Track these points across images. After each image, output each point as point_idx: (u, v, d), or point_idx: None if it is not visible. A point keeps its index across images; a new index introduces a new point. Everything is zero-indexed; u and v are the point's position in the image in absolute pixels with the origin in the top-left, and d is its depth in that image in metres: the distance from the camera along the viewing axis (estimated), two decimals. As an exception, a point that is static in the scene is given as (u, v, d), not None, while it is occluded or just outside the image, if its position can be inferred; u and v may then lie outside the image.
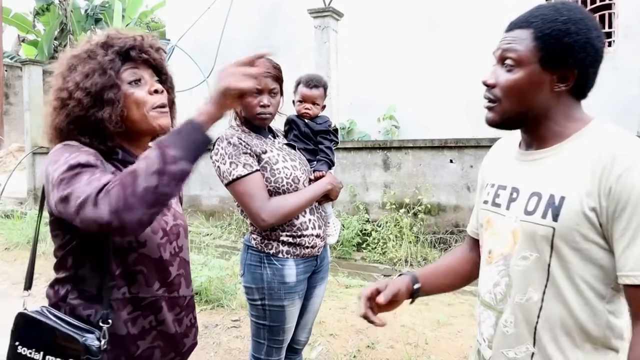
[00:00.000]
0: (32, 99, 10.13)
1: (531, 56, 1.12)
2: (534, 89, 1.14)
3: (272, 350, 2.15)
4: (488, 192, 1.31)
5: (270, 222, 1.97)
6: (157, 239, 1.35)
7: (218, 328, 4.15)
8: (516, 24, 1.17)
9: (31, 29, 16.91)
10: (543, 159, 1.17)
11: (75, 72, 1.30)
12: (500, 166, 1.32)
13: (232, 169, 1.96)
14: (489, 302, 1.25)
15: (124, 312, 1.31)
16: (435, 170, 6.16)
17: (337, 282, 5.48)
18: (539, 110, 1.16)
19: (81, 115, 1.28)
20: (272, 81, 2.06)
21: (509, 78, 1.15)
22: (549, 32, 1.10)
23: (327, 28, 6.88)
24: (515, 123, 1.21)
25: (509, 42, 1.16)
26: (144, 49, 1.37)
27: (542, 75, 1.12)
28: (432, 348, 3.71)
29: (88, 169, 1.15)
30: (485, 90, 1.21)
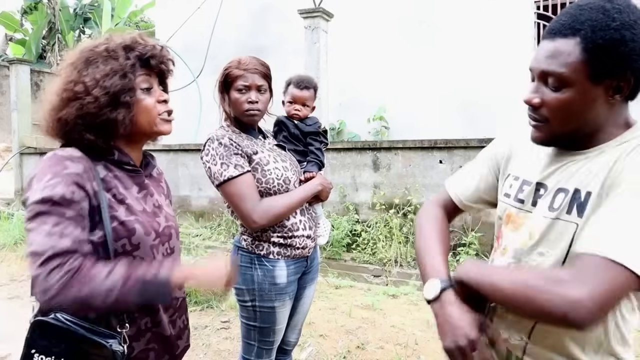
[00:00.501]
0: (20, 99, 10.02)
1: (580, 73, 0.99)
2: (586, 107, 1.02)
3: (263, 352, 2.14)
4: (511, 185, 1.24)
5: (261, 223, 1.96)
6: (150, 240, 1.35)
7: (208, 329, 4.13)
8: (559, 31, 1.02)
9: (19, 28, 16.73)
10: (577, 161, 1.09)
11: (95, 68, 1.30)
12: (528, 158, 1.23)
13: (223, 170, 1.95)
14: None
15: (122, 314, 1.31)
16: (425, 171, 6.18)
17: (327, 282, 5.48)
18: (592, 125, 1.06)
19: (94, 113, 1.28)
20: (259, 77, 2.05)
21: (557, 98, 1.03)
22: (602, 42, 0.96)
23: (317, 29, 6.88)
24: (566, 140, 1.11)
25: (551, 57, 1.02)
26: (163, 59, 1.41)
27: (594, 91, 1.00)
28: (421, 348, 3.72)
29: (56, 212, 1.17)
30: (530, 110, 1.10)
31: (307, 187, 2.13)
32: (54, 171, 1.21)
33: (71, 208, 1.19)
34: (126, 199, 1.33)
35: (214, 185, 2.03)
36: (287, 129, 2.30)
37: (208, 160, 1.99)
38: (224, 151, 1.97)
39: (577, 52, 0.98)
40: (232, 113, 2.09)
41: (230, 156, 1.97)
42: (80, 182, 1.22)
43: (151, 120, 1.38)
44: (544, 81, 1.04)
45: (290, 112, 2.33)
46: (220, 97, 2.11)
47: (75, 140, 1.31)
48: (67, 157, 1.25)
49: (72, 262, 1.14)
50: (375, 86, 8.20)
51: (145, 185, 1.43)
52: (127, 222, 1.29)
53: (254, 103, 2.05)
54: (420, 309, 4.70)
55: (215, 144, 1.99)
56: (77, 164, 1.24)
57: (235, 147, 1.99)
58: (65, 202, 1.18)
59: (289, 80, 2.35)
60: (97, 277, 1.14)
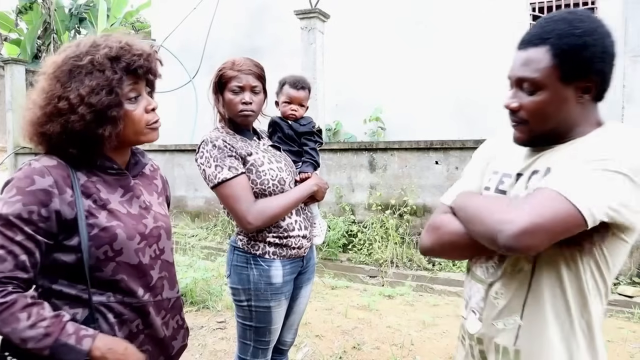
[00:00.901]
0: (15, 99, 9.98)
1: (551, 76, 1.12)
2: (559, 106, 1.15)
3: (258, 352, 2.14)
4: (490, 179, 1.33)
5: (256, 224, 1.96)
6: (134, 244, 1.33)
7: (203, 330, 4.13)
8: (529, 41, 1.16)
9: (14, 28, 16.64)
10: (552, 150, 1.20)
11: (79, 83, 1.24)
12: (508, 157, 1.32)
13: (218, 172, 1.95)
14: (480, 277, 1.30)
15: (110, 315, 1.30)
16: (421, 172, 6.19)
17: (323, 283, 5.49)
18: (566, 123, 1.17)
19: (79, 130, 1.24)
20: (253, 78, 2.05)
21: (533, 101, 1.15)
22: (567, 48, 1.10)
23: (314, 29, 6.89)
24: (545, 139, 1.21)
25: (525, 64, 1.15)
26: (149, 65, 1.35)
27: (565, 92, 1.13)
28: (417, 349, 3.73)
29: (6, 232, 1.17)
30: (510, 114, 1.22)
31: (302, 188, 2.13)
32: (18, 186, 1.20)
33: (25, 229, 1.17)
34: (108, 204, 1.31)
35: (209, 187, 2.03)
36: (282, 130, 2.30)
37: (202, 162, 2.00)
38: (218, 153, 1.97)
39: (547, 58, 1.11)
40: (226, 114, 2.09)
41: (224, 158, 1.97)
42: (45, 200, 1.20)
43: (138, 130, 1.35)
44: (520, 87, 1.18)
45: (287, 112, 2.32)
46: (214, 98, 2.10)
47: (53, 151, 1.29)
48: (37, 171, 1.22)
49: (5, 296, 1.14)
50: (372, 87, 8.21)
51: (130, 188, 1.40)
52: (109, 227, 1.27)
53: (248, 104, 2.04)
54: (416, 309, 4.71)
55: (209, 146, 1.99)
56: (47, 178, 1.21)
57: (229, 149, 1.99)
58: (20, 221, 1.17)
59: (283, 81, 2.35)
60: (21, 323, 1.14)
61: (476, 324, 1.30)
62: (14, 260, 1.16)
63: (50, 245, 1.23)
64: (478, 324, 1.29)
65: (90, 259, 1.26)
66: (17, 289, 1.17)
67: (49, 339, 1.15)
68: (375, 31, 8.29)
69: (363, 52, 8.34)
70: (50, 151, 1.29)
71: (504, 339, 1.23)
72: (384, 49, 8.18)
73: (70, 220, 1.23)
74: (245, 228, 1.99)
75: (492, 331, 1.25)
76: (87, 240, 1.24)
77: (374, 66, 8.27)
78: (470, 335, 1.32)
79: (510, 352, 1.21)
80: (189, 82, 8.87)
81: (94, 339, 1.20)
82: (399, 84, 8.00)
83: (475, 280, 1.32)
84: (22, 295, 1.17)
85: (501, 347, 1.23)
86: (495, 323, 1.25)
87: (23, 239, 1.17)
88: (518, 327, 1.20)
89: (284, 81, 2.34)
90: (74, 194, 1.24)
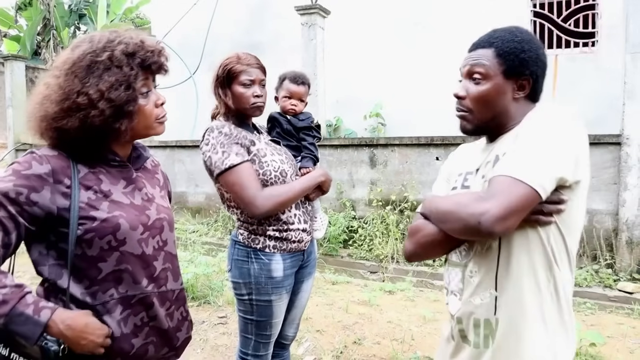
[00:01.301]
0: (15, 95, 9.99)
1: (496, 70, 1.36)
2: (499, 97, 1.37)
3: (260, 346, 2.15)
4: (456, 180, 1.52)
5: (264, 209, 1.96)
6: (137, 234, 1.34)
7: (205, 325, 4.14)
8: (479, 45, 1.41)
9: (13, 24, 16.62)
10: (499, 140, 1.41)
11: (97, 78, 1.26)
12: (467, 159, 1.54)
13: (225, 157, 1.96)
14: (456, 261, 1.44)
15: (116, 313, 1.31)
16: (422, 168, 6.20)
17: (324, 278, 5.50)
18: (504, 114, 1.39)
19: (97, 125, 1.26)
20: (260, 72, 2.11)
21: (479, 89, 1.38)
22: (508, 49, 1.35)
23: (314, 25, 6.88)
24: (484, 129, 1.44)
25: (476, 60, 1.39)
26: (161, 62, 1.38)
27: (505, 85, 1.37)
28: (418, 344, 3.74)
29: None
30: (457, 103, 1.44)
31: (309, 177, 2.15)
32: (15, 169, 1.23)
33: (8, 207, 1.19)
34: (110, 195, 1.33)
35: (213, 175, 2.02)
36: (280, 125, 2.31)
37: (208, 149, 2.00)
38: (225, 139, 1.99)
39: (493, 56, 1.37)
40: (234, 107, 2.10)
41: (231, 145, 1.99)
42: (37, 185, 1.22)
43: (148, 124, 1.39)
44: (469, 77, 1.40)
45: (286, 107, 2.33)
46: (220, 92, 2.12)
47: (66, 146, 1.30)
48: (37, 158, 1.25)
49: None
50: (372, 83, 8.21)
51: (133, 180, 1.42)
52: (111, 218, 1.29)
53: (260, 96, 2.09)
54: (416, 305, 4.72)
55: (216, 132, 2.00)
56: (44, 165, 1.24)
57: (235, 137, 2.01)
58: (6, 199, 1.18)
59: (284, 76, 2.36)
60: None
61: (456, 304, 1.42)
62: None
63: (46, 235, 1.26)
64: (458, 304, 1.42)
65: (93, 250, 1.28)
66: None
67: (5, 307, 1.14)
68: (375, 27, 8.28)
69: (363, 48, 8.33)
70: (61, 147, 1.30)
71: (483, 313, 1.35)
72: (384, 45, 8.17)
73: (63, 210, 1.25)
74: (253, 214, 1.99)
75: (471, 307, 1.37)
76: (75, 232, 1.25)
77: (375, 62, 8.27)
78: (452, 316, 1.45)
79: (492, 322, 1.34)
80: (189, 78, 8.87)
81: (53, 311, 1.19)
82: (400, 80, 8.00)
83: (452, 265, 1.46)
84: None
85: (482, 320, 1.36)
86: (472, 299, 1.37)
87: (3, 217, 1.19)
88: (495, 299, 1.33)
89: (284, 76, 2.35)
90: (72, 185, 1.26)
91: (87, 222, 1.26)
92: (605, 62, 6.91)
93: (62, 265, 1.28)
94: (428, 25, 7.88)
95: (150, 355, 1.39)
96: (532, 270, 1.30)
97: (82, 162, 1.32)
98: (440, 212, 1.34)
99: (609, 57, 6.86)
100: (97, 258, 1.29)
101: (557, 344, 1.32)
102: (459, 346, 1.43)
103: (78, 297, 1.29)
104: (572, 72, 7.04)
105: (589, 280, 4.90)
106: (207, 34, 8.46)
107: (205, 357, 3.60)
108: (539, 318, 1.31)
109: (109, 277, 1.31)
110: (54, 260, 1.28)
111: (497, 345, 1.33)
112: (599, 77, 6.82)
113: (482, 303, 1.35)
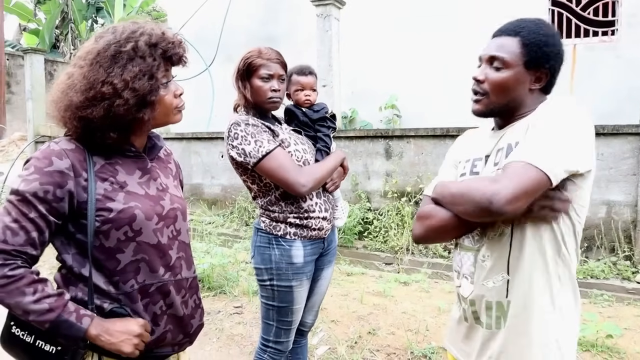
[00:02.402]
0: (34, 88, 10.12)
1: (518, 59, 1.39)
2: (517, 86, 1.41)
3: (281, 332, 2.20)
4: (464, 166, 1.57)
5: (309, 186, 2.04)
6: (152, 224, 1.37)
7: (220, 314, 4.20)
8: (504, 32, 1.44)
9: (32, 18, 16.82)
10: (507, 130, 1.45)
11: (122, 68, 1.29)
12: (474, 146, 1.58)
13: (259, 146, 2.01)
14: (468, 245, 1.49)
15: (137, 302, 1.35)
16: (437, 159, 6.16)
17: (339, 270, 5.52)
18: (517, 102, 1.44)
19: (122, 114, 1.29)
20: (280, 67, 2.15)
21: (499, 76, 1.41)
22: (534, 41, 1.39)
23: (329, 16, 6.86)
24: (497, 113, 1.48)
25: (499, 47, 1.42)
26: (181, 53, 1.41)
27: (524, 75, 1.41)
28: (432, 334, 3.75)
29: (22, 207, 1.23)
30: (474, 85, 1.48)
31: (334, 156, 2.25)
32: (37, 166, 1.25)
33: (39, 207, 1.23)
34: (126, 186, 1.36)
35: (248, 166, 2.06)
36: (297, 117, 2.35)
37: (239, 142, 2.04)
38: (254, 130, 2.04)
39: (517, 45, 1.40)
40: (252, 100, 2.15)
41: (261, 133, 2.05)
42: (61, 181, 1.25)
43: (168, 113, 1.42)
44: (490, 63, 1.43)
45: (301, 99, 2.37)
46: (240, 85, 2.16)
47: (90, 136, 1.32)
48: (56, 153, 1.27)
49: (14, 270, 1.20)
50: (387, 74, 8.17)
51: (148, 170, 1.45)
52: (127, 209, 1.32)
53: (277, 91, 2.14)
54: (431, 296, 4.72)
55: (243, 125, 2.05)
56: (64, 160, 1.26)
57: (261, 127, 2.07)
58: (36, 199, 1.22)
59: (290, 72, 2.37)
60: (26, 297, 1.20)
61: (469, 287, 1.48)
62: (26, 235, 1.22)
63: (66, 226, 1.30)
64: (470, 287, 1.47)
65: (111, 241, 1.31)
66: (25, 264, 1.23)
67: (51, 314, 1.21)
68: (390, 18, 8.23)
69: (378, 40, 8.29)
70: (85, 136, 1.32)
71: (495, 295, 1.41)
72: (399, 36, 8.12)
73: (83, 203, 1.28)
74: (299, 192, 2.05)
75: (483, 290, 1.43)
76: (93, 224, 1.29)
77: (390, 53, 8.22)
78: (464, 298, 1.50)
79: (504, 304, 1.40)
80: (205, 70, 8.91)
81: (92, 319, 1.26)
82: (415, 72, 7.95)
83: (464, 250, 1.51)
84: (29, 271, 1.23)
85: (494, 302, 1.42)
86: (485, 283, 1.43)
87: (36, 217, 1.23)
88: (507, 282, 1.39)
89: (290, 72, 2.38)
90: (88, 178, 1.29)
91: (104, 214, 1.29)
92: (625, 52, 6.79)
93: (83, 255, 1.31)
94: (443, 15, 7.81)
95: (167, 342, 1.42)
96: (542, 254, 1.36)
97: (98, 153, 1.34)
98: (452, 194, 1.39)
99: (629, 46, 6.75)
100: (115, 250, 1.32)
101: (565, 323, 1.39)
102: (472, 327, 1.49)
103: (102, 287, 1.32)
104: (591, 61, 6.94)
105: (606, 272, 4.85)
106: (223, 27, 8.49)
107: (221, 346, 3.65)
108: (547, 299, 1.37)
109: (128, 268, 1.34)
110: (76, 250, 1.32)
111: (508, 326, 1.40)
112: (618, 66, 6.71)
113: (495, 286, 1.41)
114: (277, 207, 2.13)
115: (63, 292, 1.27)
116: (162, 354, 1.44)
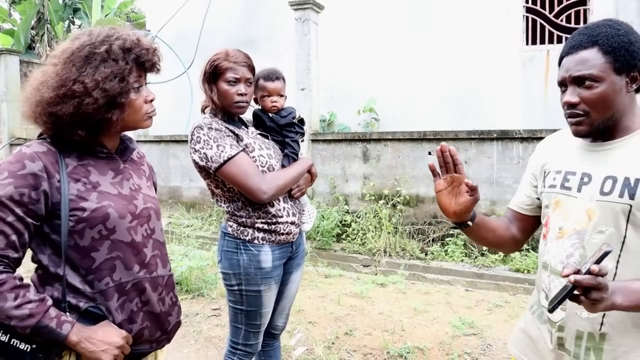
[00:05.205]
0: (9, 90, 9.96)
1: (606, 69, 1.30)
2: (616, 95, 1.32)
3: (250, 335, 2.21)
4: (554, 178, 1.48)
5: (270, 193, 2.03)
6: (126, 223, 1.40)
7: (199, 317, 4.20)
8: (579, 46, 1.34)
9: (7, 18, 16.54)
10: (613, 149, 1.37)
11: (94, 69, 1.32)
12: (565, 155, 1.49)
13: (221, 151, 2.00)
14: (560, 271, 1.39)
15: (113, 300, 1.37)
16: (414, 162, 6.26)
17: (317, 272, 5.56)
18: (620, 111, 1.35)
19: (90, 113, 1.32)
20: (248, 71, 2.13)
21: (594, 93, 1.31)
22: (617, 45, 1.30)
23: (308, 20, 6.91)
24: (602, 129, 1.37)
25: (581, 64, 1.32)
26: (154, 60, 1.45)
27: (619, 82, 1.31)
28: (408, 334, 3.81)
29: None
30: (568, 108, 1.37)
31: (301, 162, 2.23)
32: (10, 170, 1.27)
33: (15, 210, 1.25)
34: (99, 186, 1.39)
35: (210, 171, 2.04)
36: (263, 123, 2.32)
37: (201, 147, 2.03)
38: (217, 134, 2.02)
39: (599, 56, 1.30)
40: (219, 103, 2.13)
41: (224, 138, 2.03)
42: (35, 183, 1.28)
43: (138, 118, 1.45)
44: (578, 84, 1.34)
45: (268, 105, 2.31)
46: (207, 88, 2.14)
47: (59, 132, 1.35)
48: (28, 156, 1.29)
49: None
50: (366, 78, 8.25)
51: (121, 171, 1.48)
52: (100, 208, 1.35)
53: (244, 95, 2.11)
54: (407, 297, 4.79)
55: (206, 129, 2.04)
56: (37, 163, 1.29)
57: (224, 131, 2.05)
58: (12, 202, 1.25)
59: (257, 77, 2.30)
60: (7, 302, 1.22)
61: (559, 313, 1.40)
62: (6, 239, 1.24)
63: (41, 227, 1.32)
64: (561, 313, 1.39)
65: (85, 240, 1.34)
66: (7, 268, 1.25)
67: (32, 319, 1.23)
68: (369, 22, 8.32)
69: (357, 44, 8.36)
70: (54, 133, 1.36)
71: (588, 326, 1.34)
72: (377, 40, 8.21)
73: (56, 203, 1.31)
74: (260, 199, 2.03)
75: (576, 319, 1.36)
76: (67, 224, 1.31)
77: (368, 58, 8.31)
78: (553, 322, 1.42)
79: (596, 337, 1.34)
80: (184, 72, 8.87)
81: (72, 325, 1.29)
82: (393, 76, 8.04)
83: (554, 274, 1.43)
84: (12, 276, 1.25)
85: (585, 333, 1.35)
86: (579, 312, 1.35)
87: (14, 220, 1.25)
88: (603, 315, 1.31)
89: (257, 77, 2.30)
90: (61, 179, 1.32)
91: (77, 213, 1.32)
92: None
93: (59, 255, 1.33)
94: (421, 20, 7.92)
95: (145, 339, 1.45)
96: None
97: (71, 154, 1.37)
98: None
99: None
100: (89, 248, 1.34)
101: None
102: (556, 352, 1.43)
103: (78, 286, 1.34)
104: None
105: None
106: (202, 29, 8.46)
107: (199, 348, 3.65)
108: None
109: (103, 266, 1.36)
110: (51, 250, 1.34)
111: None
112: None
113: (590, 317, 1.34)
114: (245, 212, 2.12)
115: (45, 297, 1.29)
116: (140, 351, 1.47)
